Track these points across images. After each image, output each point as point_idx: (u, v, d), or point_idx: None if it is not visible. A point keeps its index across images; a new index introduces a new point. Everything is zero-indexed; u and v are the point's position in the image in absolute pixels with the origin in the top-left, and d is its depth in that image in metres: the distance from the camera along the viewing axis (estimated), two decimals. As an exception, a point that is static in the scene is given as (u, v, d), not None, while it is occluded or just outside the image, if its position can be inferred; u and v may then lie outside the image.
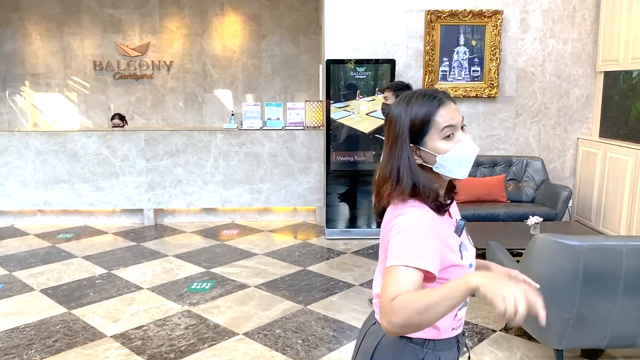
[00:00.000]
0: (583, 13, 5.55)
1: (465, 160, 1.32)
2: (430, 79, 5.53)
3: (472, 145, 1.34)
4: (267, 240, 5.47)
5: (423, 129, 1.31)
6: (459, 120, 1.33)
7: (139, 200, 6.06)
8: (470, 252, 1.38)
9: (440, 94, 1.35)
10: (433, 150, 1.31)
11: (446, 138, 1.31)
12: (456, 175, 1.34)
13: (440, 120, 1.30)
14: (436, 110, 1.31)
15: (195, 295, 4.05)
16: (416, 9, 5.48)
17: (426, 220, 1.28)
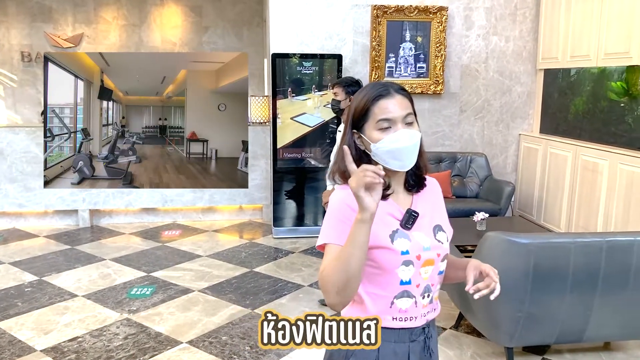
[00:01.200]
0: (524, 11, 5.66)
1: (397, 152, 1.34)
2: (377, 75, 5.48)
3: (404, 138, 1.33)
4: (211, 241, 5.27)
5: (363, 117, 1.38)
6: (399, 114, 1.35)
7: (73, 200, 5.70)
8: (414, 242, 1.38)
9: (389, 86, 1.38)
10: (369, 138, 1.36)
11: (382, 129, 1.35)
12: (392, 166, 1.36)
13: (377, 112, 1.35)
14: (375, 101, 1.36)
15: (135, 301, 3.82)
16: (362, 4, 5.41)
17: (340, 202, 1.34)
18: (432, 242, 1.41)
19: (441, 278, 1.47)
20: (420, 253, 1.38)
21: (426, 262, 1.39)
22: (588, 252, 2.62)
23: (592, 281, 2.66)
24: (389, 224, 1.37)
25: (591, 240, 2.63)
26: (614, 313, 2.75)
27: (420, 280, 1.40)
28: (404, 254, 1.36)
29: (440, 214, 1.50)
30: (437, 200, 1.52)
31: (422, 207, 1.44)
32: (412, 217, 1.39)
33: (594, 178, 4.57)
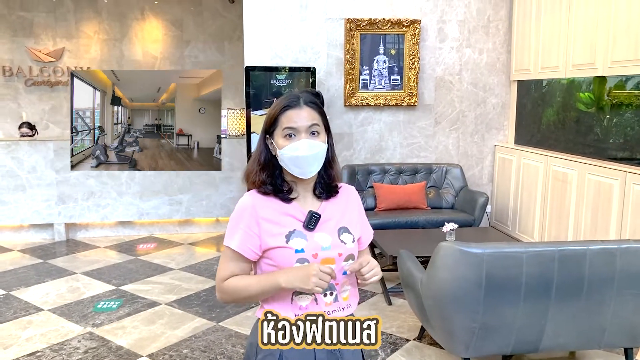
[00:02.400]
0: (497, 24, 5.72)
1: (298, 160, 1.44)
2: (351, 88, 5.51)
3: (304, 148, 1.43)
4: (186, 254, 5.26)
5: (273, 124, 1.48)
6: (303, 125, 1.45)
7: (49, 214, 5.68)
8: (311, 242, 1.46)
9: (299, 98, 1.48)
10: (276, 144, 1.47)
11: (287, 137, 1.45)
12: (294, 172, 1.46)
13: (284, 121, 1.46)
14: (284, 111, 1.46)
15: (100, 315, 3.80)
16: (336, 17, 5.46)
17: (243, 210, 1.47)
18: (333, 241, 1.48)
19: (348, 278, 1.52)
20: (317, 252, 1.45)
21: (324, 260, 1.45)
22: (540, 262, 2.62)
23: (546, 290, 2.66)
24: (287, 225, 1.47)
25: (543, 249, 2.64)
26: (569, 322, 2.75)
27: None
28: (298, 252, 1.44)
29: (351, 218, 1.57)
30: (350, 205, 1.60)
31: (329, 211, 1.52)
32: (313, 218, 1.47)
33: (564, 188, 4.59)
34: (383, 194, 5.23)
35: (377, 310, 3.86)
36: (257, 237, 1.45)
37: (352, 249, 1.52)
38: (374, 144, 5.69)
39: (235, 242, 1.46)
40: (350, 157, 5.65)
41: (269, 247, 1.45)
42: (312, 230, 1.47)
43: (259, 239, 1.46)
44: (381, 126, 5.67)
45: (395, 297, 4.08)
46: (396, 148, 5.73)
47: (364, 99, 5.55)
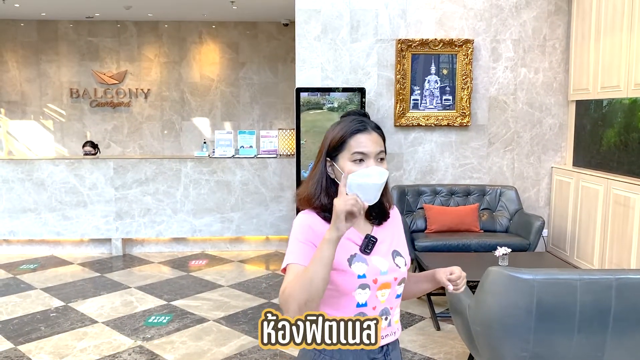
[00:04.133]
0: (553, 42, 5.56)
1: (366, 187, 1.39)
2: (401, 108, 5.49)
3: (375, 175, 1.40)
4: (235, 271, 5.33)
5: (338, 148, 1.46)
6: (373, 150, 1.44)
7: (107, 229, 5.92)
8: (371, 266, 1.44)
9: (367, 123, 1.47)
10: (342, 168, 1.44)
11: (355, 161, 1.43)
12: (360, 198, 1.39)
13: (354, 144, 1.44)
14: (353, 135, 1.44)
15: (150, 329, 3.89)
16: (387, 38, 5.47)
17: (303, 226, 1.44)
18: (389, 266, 1.48)
19: (399, 302, 1.54)
20: (377, 277, 1.44)
21: (383, 285, 1.45)
22: (596, 290, 2.49)
23: (602, 321, 2.52)
24: (348, 249, 1.44)
25: (599, 277, 2.51)
26: (628, 357, 2.59)
27: (377, 303, 1.46)
28: (360, 278, 1.42)
29: (399, 241, 1.58)
30: (398, 229, 1.60)
31: (382, 234, 1.51)
32: (371, 242, 1.46)
33: (626, 213, 4.37)
34: (434, 216, 5.14)
35: (424, 335, 3.77)
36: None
37: (404, 272, 1.52)
38: (425, 164, 5.62)
39: (295, 256, 1.40)
40: (400, 178, 5.59)
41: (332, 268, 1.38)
42: (369, 254, 1.46)
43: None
44: (432, 147, 5.60)
45: (444, 322, 3.97)
46: (448, 169, 5.63)
47: (414, 119, 5.51)
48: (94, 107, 8.23)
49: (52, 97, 8.20)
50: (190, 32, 8.19)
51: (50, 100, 8.22)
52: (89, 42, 8.12)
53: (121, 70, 8.15)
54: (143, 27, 8.13)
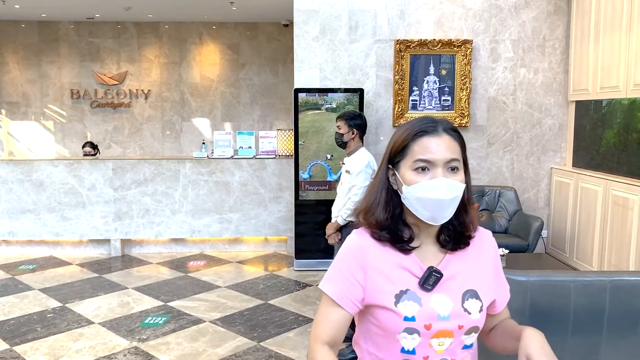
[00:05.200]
0: (553, 43, 5.54)
1: (429, 203, 1.15)
2: (400, 108, 5.47)
3: (440, 188, 1.15)
4: (234, 272, 5.33)
5: (400, 153, 1.21)
6: (441, 157, 1.16)
7: (106, 230, 5.92)
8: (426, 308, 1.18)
9: (438, 123, 1.21)
10: (402, 178, 1.20)
11: (417, 170, 1.18)
12: (420, 215, 1.18)
13: (417, 150, 1.18)
14: (417, 137, 1.19)
15: (146, 330, 3.89)
16: (385, 39, 5.45)
17: (350, 252, 1.24)
18: (454, 309, 1.19)
19: (471, 353, 1.25)
20: (431, 322, 1.17)
21: (440, 333, 1.18)
22: (590, 292, 2.47)
23: (597, 324, 2.49)
24: (399, 282, 1.20)
25: (593, 279, 2.49)
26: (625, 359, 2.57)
27: (431, 353, 1.19)
28: (407, 320, 1.17)
29: (482, 277, 1.25)
30: (483, 259, 1.27)
31: (454, 267, 1.23)
32: (432, 277, 1.19)
33: (625, 214, 4.34)
34: (432, 217, 5.11)
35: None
36: (360, 288, 1.21)
37: (477, 320, 1.21)
38: (424, 165, 5.60)
39: (333, 289, 1.22)
40: (399, 179, 5.57)
41: (375, 303, 1.20)
42: (429, 291, 1.19)
43: (362, 291, 1.21)
44: (431, 147, 5.58)
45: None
46: (446, 170, 5.61)
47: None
48: (95, 107, 8.25)
49: (53, 98, 8.23)
50: (190, 33, 8.20)
51: (51, 101, 8.25)
52: (90, 43, 8.14)
53: (122, 71, 8.17)
54: (143, 28, 8.14)
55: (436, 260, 1.22)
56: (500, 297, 1.30)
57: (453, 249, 1.23)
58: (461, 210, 1.22)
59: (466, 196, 1.23)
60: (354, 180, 3.27)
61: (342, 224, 3.32)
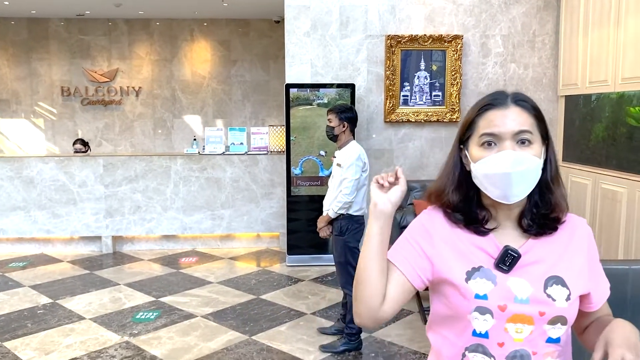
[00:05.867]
0: (543, 38, 5.57)
1: (494, 177, 1.09)
2: (391, 104, 5.48)
3: (505, 162, 1.07)
4: (225, 268, 5.32)
5: (468, 130, 1.16)
6: (508, 130, 1.09)
7: (97, 227, 5.90)
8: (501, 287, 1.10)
9: (506, 95, 1.15)
10: (470, 156, 1.14)
11: (484, 145, 1.11)
12: (490, 194, 1.11)
13: (482, 124, 1.12)
14: (483, 112, 1.13)
15: (138, 325, 3.88)
16: (376, 34, 5.47)
17: (421, 221, 1.20)
18: (534, 294, 1.09)
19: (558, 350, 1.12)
20: (507, 303, 1.08)
21: (517, 317, 1.09)
22: None
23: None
24: (473, 259, 1.12)
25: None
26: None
27: (507, 340, 1.09)
28: (478, 298, 1.09)
29: (571, 265, 1.14)
30: (575, 247, 1.16)
31: (538, 252, 1.13)
32: (509, 257, 1.10)
33: (614, 206, 4.37)
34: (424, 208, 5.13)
35: (412, 329, 3.77)
36: (426, 260, 1.15)
37: (563, 309, 1.09)
38: (415, 160, 5.62)
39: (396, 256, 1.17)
40: (390, 174, 5.59)
41: (444, 279, 1.13)
42: (507, 272, 1.11)
43: (429, 263, 1.15)
44: (422, 142, 5.60)
45: (431, 317, 3.97)
46: (438, 165, 5.62)
47: (404, 115, 5.50)
48: (85, 105, 8.21)
49: (43, 96, 8.18)
50: (181, 29, 8.17)
51: (41, 98, 8.20)
52: (80, 40, 8.10)
53: (112, 68, 8.13)
54: (134, 25, 8.11)
55: (517, 245, 1.13)
56: (596, 292, 1.17)
57: (537, 234, 1.14)
58: (544, 189, 1.14)
59: (550, 174, 1.15)
60: (344, 173, 3.28)
61: (333, 217, 3.33)
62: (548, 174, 1.14)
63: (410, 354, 3.40)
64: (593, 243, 1.19)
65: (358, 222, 3.36)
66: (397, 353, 3.42)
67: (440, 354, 1.19)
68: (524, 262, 1.11)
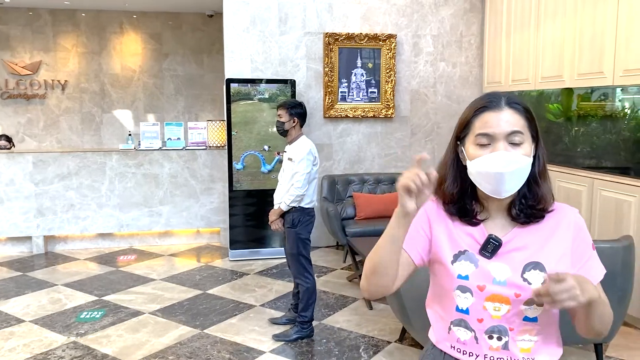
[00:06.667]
0: (469, 39, 5.94)
1: (488, 176, 1.20)
2: (330, 100, 5.65)
3: (498, 162, 1.18)
4: (167, 265, 5.28)
5: (465, 129, 1.27)
6: (501, 131, 1.20)
7: (27, 227, 5.64)
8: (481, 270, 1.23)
9: (500, 98, 1.24)
10: (466, 154, 1.25)
11: (479, 145, 1.22)
12: (483, 189, 1.23)
13: (478, 125, 1.23)
14: (479, 113, 1.23)
15: (83, 325, 3.80)
16: (315, 32, 5.60)
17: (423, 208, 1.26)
18: (512, 277, 1.21)
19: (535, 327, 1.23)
20: (485, 284, 1.22)
21: (494, 297, 1.21)
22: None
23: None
24: (461, 244, 1.27)
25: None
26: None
27: (485, 316, 1.23)
28: (460, 278, 1.24)
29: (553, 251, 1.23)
30: (559, 235, 1.25)
31: (522, 239, 1.24)
32: (490, 244, 1.23)
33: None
34: (362, 204, 5.35)
35: (358, 315, 3.95)
36: (427, 240, 1.31)
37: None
38: (353, 154, 5.83)
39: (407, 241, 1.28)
40: (330, 168, 5.77)
41: (436, 260, 1.29)
42: (489, 258, 1.23)
43: (428, 242, 1.30)
44: (360, 137, 5.82)
45: (376, 302, 4.18)
46: (374, 159, 5.87)
47: (342, 110, 5.69)
48: (6, 99, 7.75)
49: (-42, 89, 7.65)
50: (110, 21, 7.90)
51: (-46, 91, 7.66)
52: (-2, 30, 7.64)
53: (35, 60, 7.73)
54: (58, 16, 7.75)
55: (503, 232, 1.25)
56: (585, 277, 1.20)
57: (525, 223, 1.24)
58: (532, 183, 1.24)
59: (538, 169, 1.25)
60: (296, 167, 3.39)
61: (285, 209, 3.43)
62: (536, 170, 1.25)
63: (359, 337, 3.58)
64: (582, 231, 1.26)
65: (309, 214, 3.48)
66: (347, 337, 3.59)
67: (434, 327, 1.37)
68: (507, 248, 1.23)
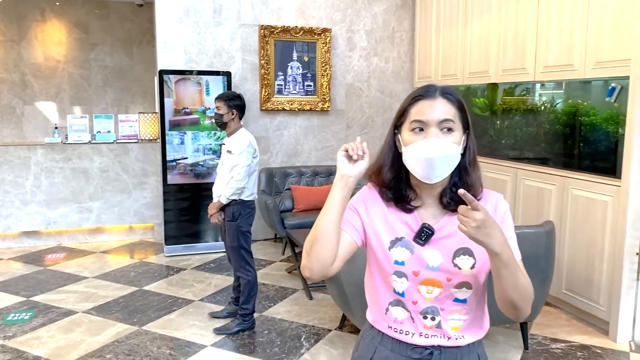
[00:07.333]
0: (401, 34, 6.11)
1: (420, 161, 1.25)
2: (266, 92, 5.64)
3: (430, 148, 1.24)
4: (98, 262, 5.10)
5: (402, 117, 1.32)
6: (433, 118, 1.26)
7: (-58, 226, 5.27)
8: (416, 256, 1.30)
9: (435, 89, 1.30)
10: (402, 140, 1.31)
11: (414, 131, 1.28)
12: (415, 174, 1.28)
13: (413, 112, 1.28)
14: (415, 102, 1.29)
15: (11, 327, 3.62)
16: (250, 23, 5.57)
17: (360, 192, 1.37)
18: (444, 263, 1.29)
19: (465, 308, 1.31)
20: (420, 270, 1.29)
21: (427, 281, 1.29)
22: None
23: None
24: (397, 231, 1.32)
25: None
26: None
27: (419, 299, 1.31)
28: (397, 264, 1.30)
29: None
30: None
31: (452, 226, 1.29)
32: (424, 233, 1.29)
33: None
34: (300, 196, 5.40)
35: (299, 305, 4.01)
36: (358, 218, 1.35)
37: (468, 276, 1.28)
38: (290, 147, 5.86)
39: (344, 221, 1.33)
40: (268, 161, 5.77)
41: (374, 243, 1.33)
42: (422, 245, 1.30)
43: (360, 220, 1.34)
44: (297, 130, 5.85)
45: (316, 292, 4.25)
46: (311, 151, 5.93)
47: (279, 103, 5.70)
48: None
49: None
50: (30, 8, 7.47)
51: None
52: None
53: (-54, 47, 7.19)
54: (-29, 0, 7.24)
55: (435, 220, 1.31)
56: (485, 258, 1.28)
57: (455, 210, 1.25)
58: (462, 172, 1.31)
59: (468, 158, 1.31)
60: (236, 160, 3.38)
61: (225, 202, 3.42)
62: (467, 159, 1.31)
63: (300, 327, 3.63)
64: (504, 215, 1.32)
65: (249, 207, 3.49)
66: (289, 328, 3.63)
67: (371, 309, 1.42)
68: (439, 235, 1.30)
